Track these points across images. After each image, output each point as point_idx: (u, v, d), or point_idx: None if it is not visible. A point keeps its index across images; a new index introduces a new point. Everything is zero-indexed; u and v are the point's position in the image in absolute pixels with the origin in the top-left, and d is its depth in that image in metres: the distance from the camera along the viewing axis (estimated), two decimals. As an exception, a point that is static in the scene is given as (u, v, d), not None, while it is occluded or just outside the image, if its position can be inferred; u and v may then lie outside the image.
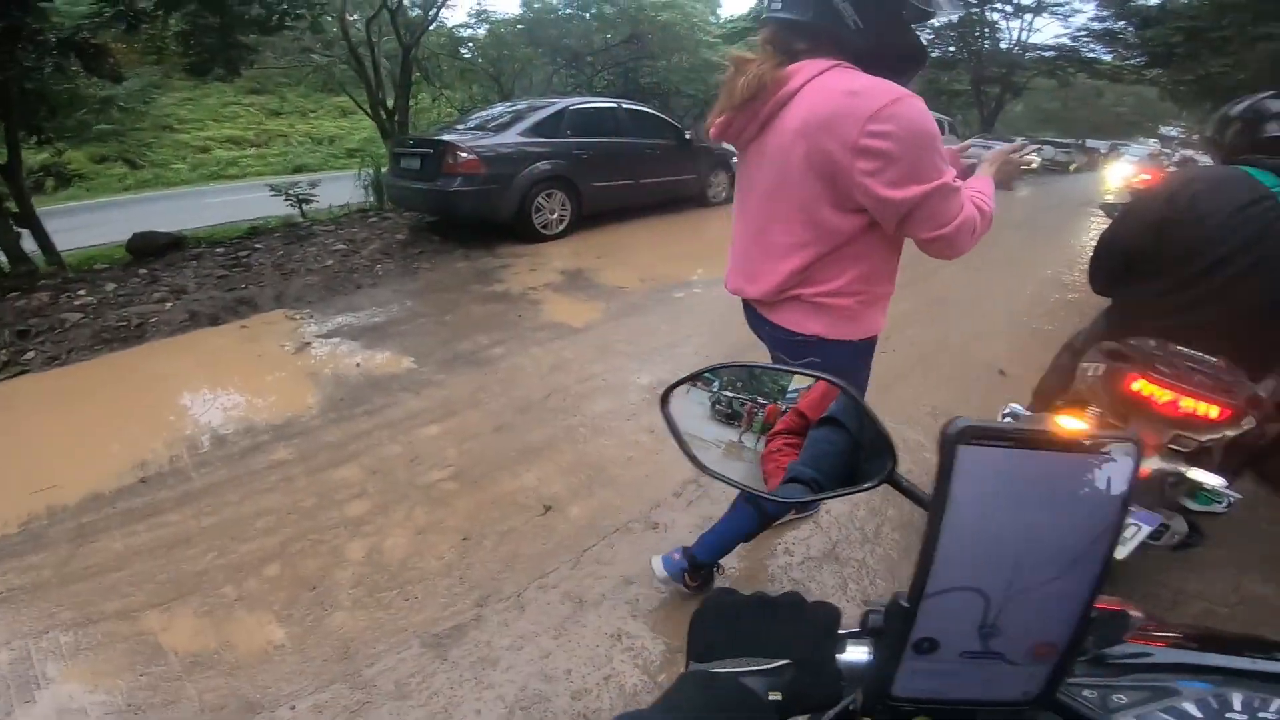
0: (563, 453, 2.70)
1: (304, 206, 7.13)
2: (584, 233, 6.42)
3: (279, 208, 7.22)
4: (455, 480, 2.49)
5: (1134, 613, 0.57)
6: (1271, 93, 1.81)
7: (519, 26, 13.34)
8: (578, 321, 4.15)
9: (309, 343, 3.82)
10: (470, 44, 14.09)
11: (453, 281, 5.01)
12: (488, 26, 13.67)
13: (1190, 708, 0.44)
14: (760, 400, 0.61)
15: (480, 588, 1.96)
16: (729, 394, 0.61)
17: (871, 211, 1.24)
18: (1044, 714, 0.42)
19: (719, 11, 21.93)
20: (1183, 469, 1.67)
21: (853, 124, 1.15)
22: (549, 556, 2.09)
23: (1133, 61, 19.20)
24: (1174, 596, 2.12)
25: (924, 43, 1.37)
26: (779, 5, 1.27)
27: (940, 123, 16.96)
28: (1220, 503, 1.76)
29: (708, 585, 1.89)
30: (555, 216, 6.17)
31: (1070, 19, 23.41)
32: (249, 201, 8.61)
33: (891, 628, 0.38)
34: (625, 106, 7.25)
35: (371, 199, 7.68)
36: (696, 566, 1.82)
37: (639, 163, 6.98)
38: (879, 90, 1.15)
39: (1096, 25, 21.61)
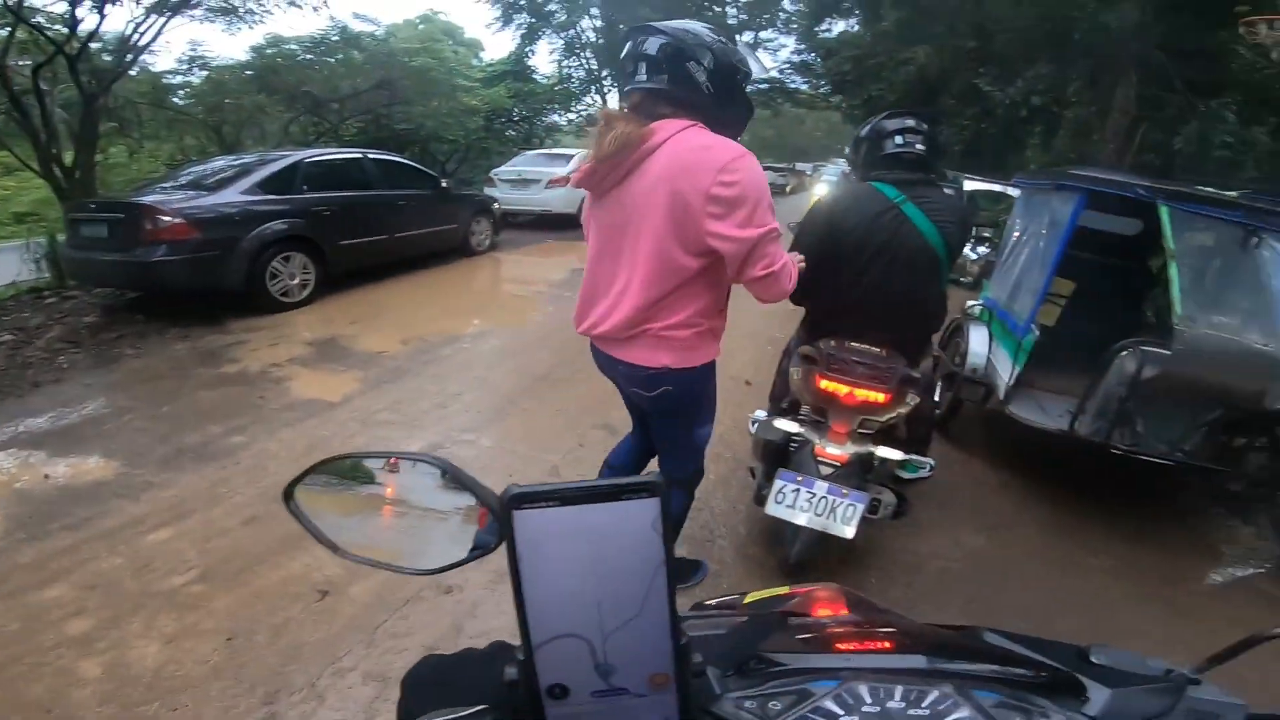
0: (330, 535, 2.46)
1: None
2: (334, 297, 5.90)
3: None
4: (203, 581, 2.22)
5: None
6: (887, 114, 2.17)
7: (247, 72, 11.97)
8: (333, 396, 3.81)
9: (-34, 462, 2.99)
10: (182, 91, 12.30)
11: (168, 367, 4.27)
12: (206, 74, 12.05)
13: (831, 705, 0.49)
14: None
15: (264, 684, 1.78)
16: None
17: (720, 250, 1.45)
18: None
19: (481, 55, 22.08)
20: (871, 449, 2.02)
21: (706, 174, 1.38)
22: (337, 640, 1.96)
23: (822, 90, 22.05)
24: (912, 560, 2.54)
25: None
26: (644, 76, 1.47)
27: None
28: (923, 469, 2.16)
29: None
30: (296, 281, 5.56)
31: (778, 53, 27.78)
32: None
33: (521, 678, 0.40)
34: (372, 156, 6.85)
35: (47, 275, 6.22)
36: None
37: (392, 216, 6.60)
38: (727, 147, 1.41)
39: (796, 58, 25.85)
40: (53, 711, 1.72)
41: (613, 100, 26.07)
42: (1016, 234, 3.69)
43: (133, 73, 9.64)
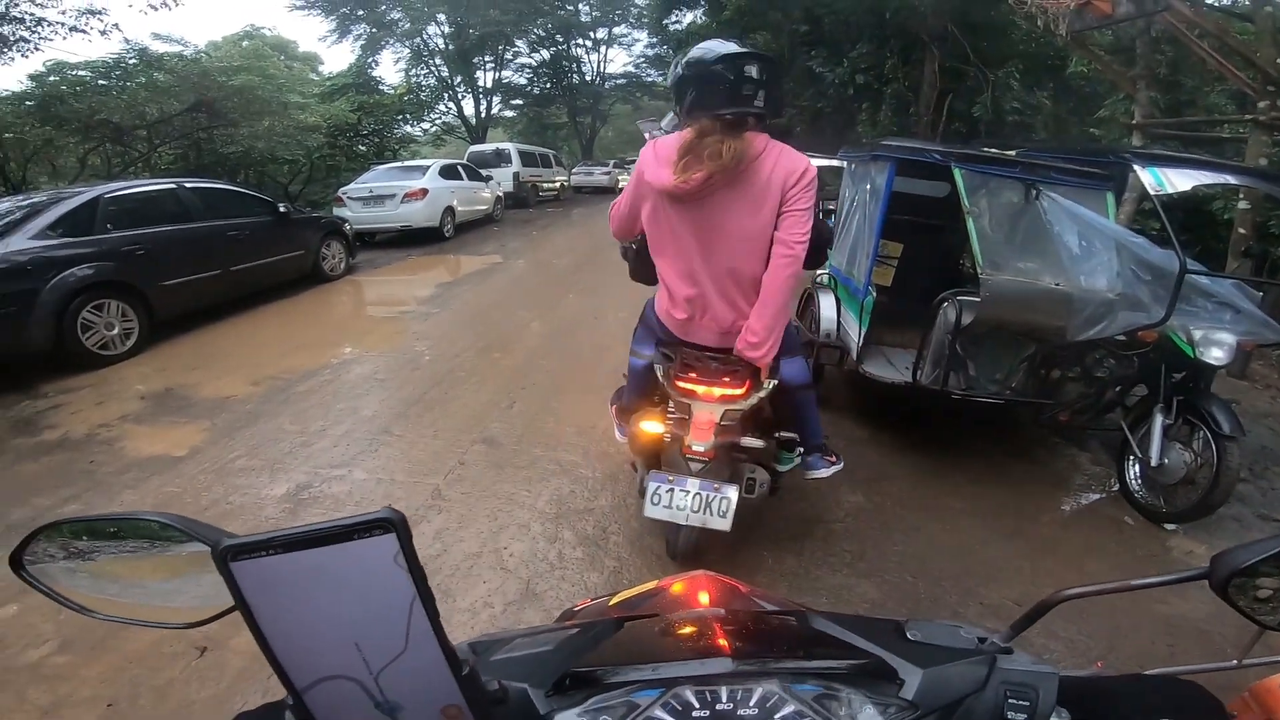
0: (198, 591, 2.23)
1: None
2: (166, 343, 5.31)
3: None
4: (66, 651, 2.04)
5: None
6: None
7: (27, 103, 10.34)
8: (178, 449, 3.44)
9: None
10: (-55, 128, 10.41)
11: (-26, 444, 3.65)
12: None
13: (660, 714, 0.49)
14: None
15: None
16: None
17: (796, 226, 1.92)
18: None
19: (320, 69, 20.62)
20: (735, 439, 2.08)
21: (799, 175, 1.89)
22: (230, 694, 1.85)
23: None
24: (800, 528, 2.66)
25: None
26: (760, 103, 1.86)
27: (547, 156, 18.43)
28: (795, 459, 2.31)
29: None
30: (116, 332, 4.90)
31: (632, 48, 28.11)
32: None
33: None
34: (189, 185, 6.11)
35: None
36: (820, 448, 2.38)
37: (224, 248, 5.99)
38: (800, 155, 1.92)
39: (650, 52, 26.29)
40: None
41: (467, 107, 25.38)
42: (846, 204, 3.99)
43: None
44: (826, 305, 3.71)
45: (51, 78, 10.48)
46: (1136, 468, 2.89)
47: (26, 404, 4.17)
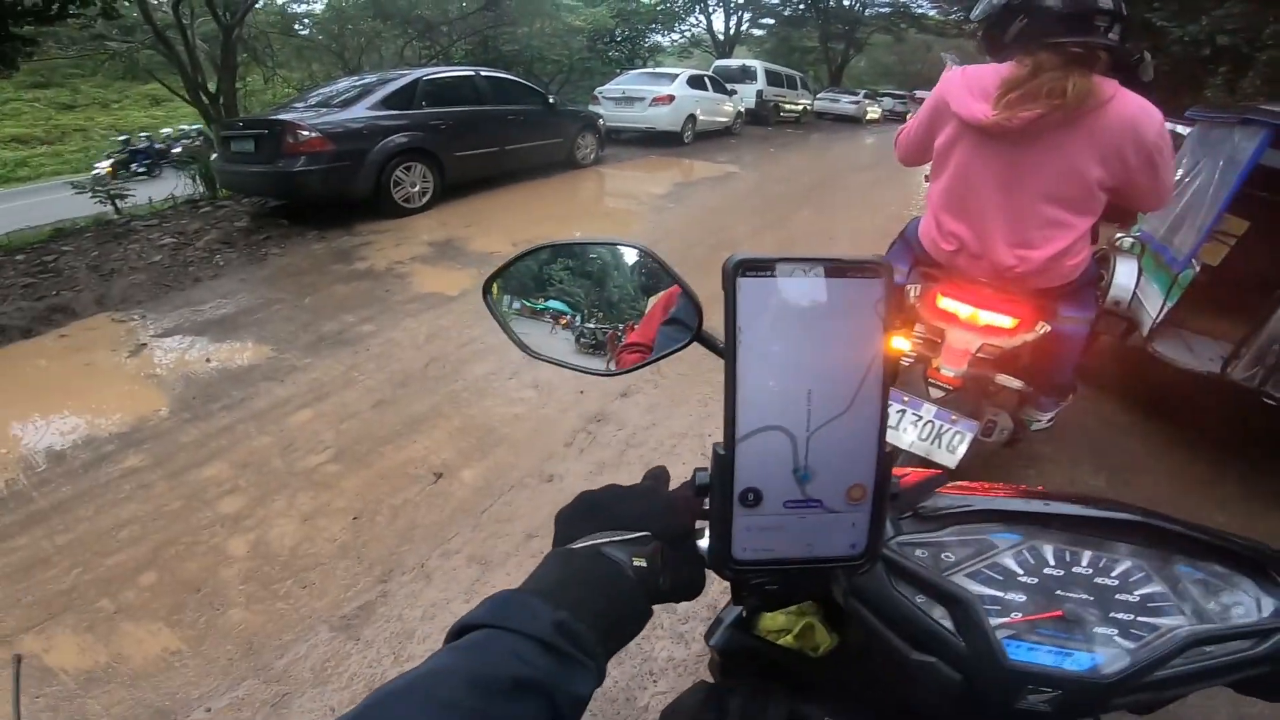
0: (448, 419, 2.62)
1: (118, 202, 6.25)
2: (450, 204, 6.15)
3: (87, 207, 6.28)
4: (337, 461, 2.37)
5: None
6: None
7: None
8: (451, 290, 4.02)
9: (144, 344, 3.40)
10: (306, 20, 12.86)
11: (309, 264, 4.64)
12: (327, 2, 12.53)
13: (1009, 562, 0.47)
14: (619, 328, 0.63)
15: (381, 564, 1.90)
16: (591, 326, 0.62)
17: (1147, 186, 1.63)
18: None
19: None
20: (990, 373, 1.85)
21: (1150, 131, 1.54)
22: (447, 524, 2.05)
23: (954, 15, 20.09)
24: None
25: None
26: (1114, 36, 1.55)
27: (793, 78, 17.34)
28: (1041, 420, 2.02)
29: None
30: (417, 189, 5.86)
31: None
32: (49, 203, 7.47)
33: (716, 479, 0.37)
34: (483, 74, 6.96)
35: (201, 189, 6.85)
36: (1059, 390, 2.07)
37: (502, 129, 6.75)
38: (1155, 109, 1.56)
39: None
40: (202, 591, 1.80)
41: (717, 22, 24.78)
42: (1184, 169, 3.23)
43: (260, 4, 10.11)
44: (1124, 270, 3.08)
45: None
46: None
47: (346, 239, 5.18)
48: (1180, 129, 3.77)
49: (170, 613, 1.73)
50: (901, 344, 1.97)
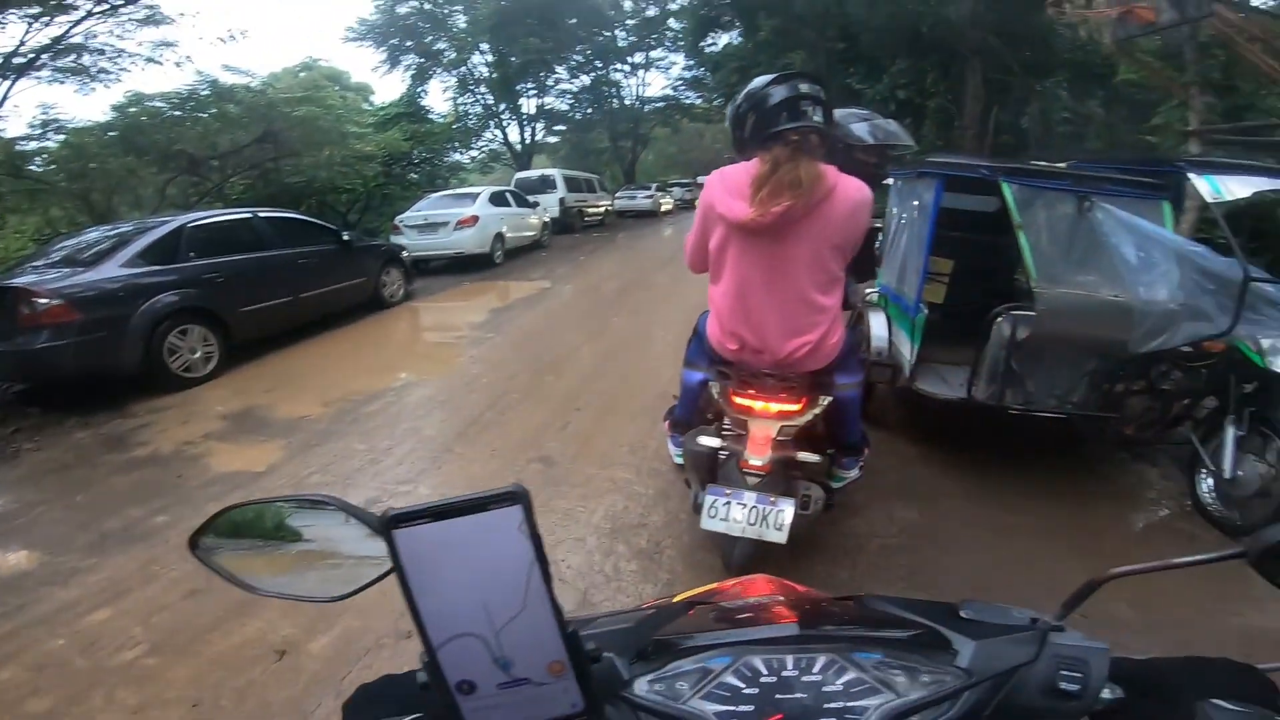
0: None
1: None
2: (243, 367, 5.64)
3: None
4: (155, 654, 2.17)
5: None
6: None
7: (110, 134, 11.09)
8: (258, 465, 3.68)
9: None
10: (39, 158, 11.29)
11: (74, 457, 3.99)
12: (64, 138, 11.10)
13: (731, 679, 0.53)
14: None
15: None
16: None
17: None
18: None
19: (372, 99, 21.47)
20: (792, 454, 2.11)
21: (867, 209, 1.97)
22: (305, 696, 1.94)
23: (715, 102, 22.04)
24: (853, 543, 2.67)
25: None
26: (819, 118, 1.91)
27: (591, 181, 18.55)
28: (848, 476, 2.35)
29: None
30: (199, 355, 5.25)
31: (669, 71, 28.23)
32: None
33: (432, 678, 0.43)
34: (263, 214, 6.50)
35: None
36: (853, 448, 2.41)
37: (293, 276, 6.32)
38: (859, 180, 1.95)
39: (688, 74, 26.37)
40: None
41: (513, 134, 26.14)
42: (894, 222, 3.99)
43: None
44: (877, 323, 3.68)
45: (131, 108, 11.19)
46: (1209, 481, 2.80)
47: (118, 422, 4.51)
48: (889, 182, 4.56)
49: None
50: (713, 440, 2.19)
